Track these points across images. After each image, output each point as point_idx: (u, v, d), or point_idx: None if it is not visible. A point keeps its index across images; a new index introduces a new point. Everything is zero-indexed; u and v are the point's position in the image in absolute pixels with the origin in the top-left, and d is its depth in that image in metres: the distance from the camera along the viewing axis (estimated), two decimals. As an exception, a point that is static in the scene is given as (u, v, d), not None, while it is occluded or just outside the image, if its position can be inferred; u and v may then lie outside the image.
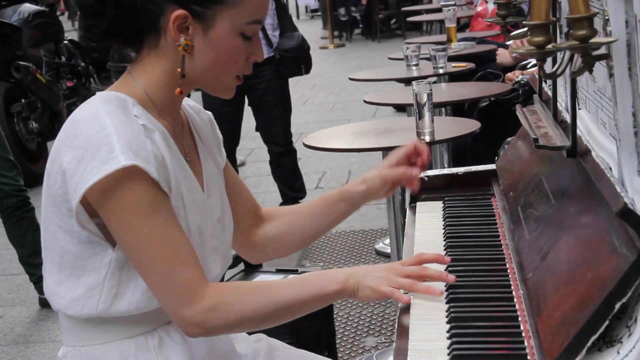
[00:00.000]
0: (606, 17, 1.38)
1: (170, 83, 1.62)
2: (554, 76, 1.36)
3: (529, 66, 4.72)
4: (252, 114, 5.01)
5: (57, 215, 1.60)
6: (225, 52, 1.59)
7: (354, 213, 1.98)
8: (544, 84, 2.10)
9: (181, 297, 1.53)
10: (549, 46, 1.30)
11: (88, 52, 8.24)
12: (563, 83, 2.06)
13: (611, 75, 1.41)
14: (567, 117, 1.79)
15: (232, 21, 1.57)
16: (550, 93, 1.94)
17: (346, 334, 3.78)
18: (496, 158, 3.55)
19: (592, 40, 1.26)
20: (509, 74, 4.33)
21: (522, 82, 3.99)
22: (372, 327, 3.84)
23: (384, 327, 3.84)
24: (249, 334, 1.93)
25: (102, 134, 1.50)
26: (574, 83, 1.52)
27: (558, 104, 1.87)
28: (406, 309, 1.65)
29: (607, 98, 1.62)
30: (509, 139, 3.56)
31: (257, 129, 5.08)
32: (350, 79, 4.66)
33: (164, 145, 1.58)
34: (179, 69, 1.58)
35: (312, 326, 2.77)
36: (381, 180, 1.87)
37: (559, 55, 1.57)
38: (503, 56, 5.06)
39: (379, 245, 4.68)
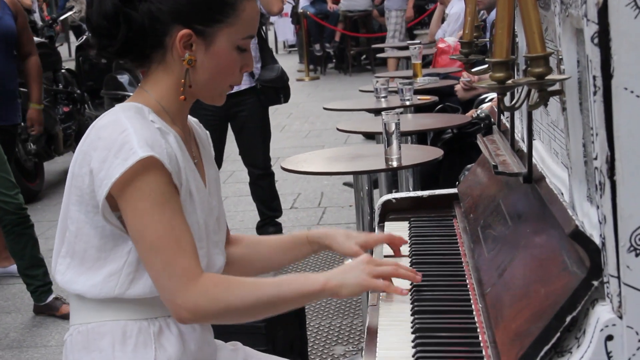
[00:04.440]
0: (560, 57, 1.39)
1: (178, 93, 1.68)
2: (512, 109, 1.37)
3: (486, 100, 4.75)
4: (234, 139, 4.99)
5: (83, 212, 1.65)
6: (224, 64, 1.67)
7: (340, 222, 2.00)
8: (502, 116, 2.12)
9: (177, 283, 1.57)
10: (509, 82, 1.32)
11: (83, 80, 8.21)
12: (519, 115, 2.08)
13: (564, 109, 1.43)
14: (523, 147, 1.80)
15: (229, 38, 1.65)
16: (508, 124, 1.95)
17: (317, 342, 3.77)
18: (457, 183, 3.57)
19: (548, 77, 1.28)
20: (470, 112, 4.36)
21: (481, 115, 4.01)
22: (340, 336, 3.83)
23: (352, 336, 3.82)
24: (226, 340, 1.93)
25: (122, 135, 1.57)
26: (530, 115, 1.54)
27: (515, 134, 1.89)
28: (374, 319, 1.65)
29: (559, 130, 1.63)
30: (469, 165, 3.59)
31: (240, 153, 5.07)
32: (325, 108, 4.66)
33: (177, 146, 1.64)
34: (183, 80, 1.65)
35: (287, 335, 2.76)
36: (346, 252, 1.87)
37: (517, 90, 1.58)
38: (462, 91, 5.09)
39: (348, 262, 4.66)
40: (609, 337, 1.16)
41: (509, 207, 1.71)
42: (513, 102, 1.36)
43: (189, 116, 1.82)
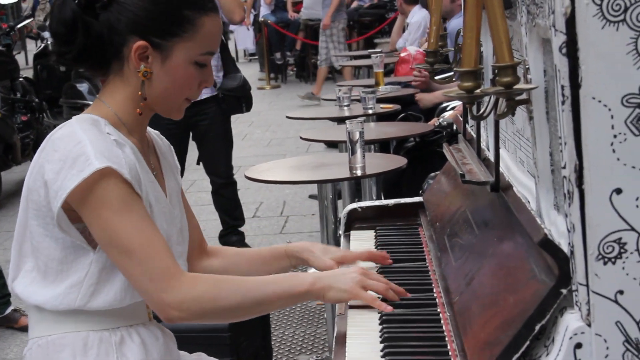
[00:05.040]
0: (527, 66, 1.40)
1: (135, 105, 1.68)
2: (480, 118, 1.38)
3: (448, 108, 4.78)
4: (196, 148, 4.96)
5: (42, 226, 1.64)
6: (180, 79, 1.66)
7: (290, 236, 2.00)
8: (467, 125, 2.13)
9: (160, 283, 1.56)
10: (477, 91, 1.32)
11: (42, 89, 8.12)
12: (484, 124, 2.09)
13: (531, 118, 1.44)
14: (490, 155, 1.81)
15: (187, 52, 1.64)
16: (473, 133, 1.96)
17: (281, 351, 3.75)
18: (420, 192, 3.59)
19: (516, 86, 1.28)
20: (432, 121, 4.38)
21: (444, 124, 4.03)
22: (304, 345, 3.82)
23: (316, 345, 3.81)
24: (190, 351, 1.91)
25: (78, 147, 1.56)
26: (497, 124, 1.55)
27: (481, 143, 1.90)
28: (343, 328, 1.65)
29: (525, 139, 1.64)
30: (433, 174, 3.61)
31: (198, 162, 5.03)
32: (288, 117, 4.66)
33: (133, 158, 1.62)
34: (139, 92, 1.64)
35: (251, 345, 2.74)
36: (323, 267, 1.85)
37: (484, 100, 1.58)
38: (423, 100, 5.11)
39: (311, 271, 4.65)
40: (578, 345, 1.16)
41: (475, 216, 1.71)
42: (481, 112, 1.36)
43: (149, 128, 1.81)
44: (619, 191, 1.13)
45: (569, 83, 1.13)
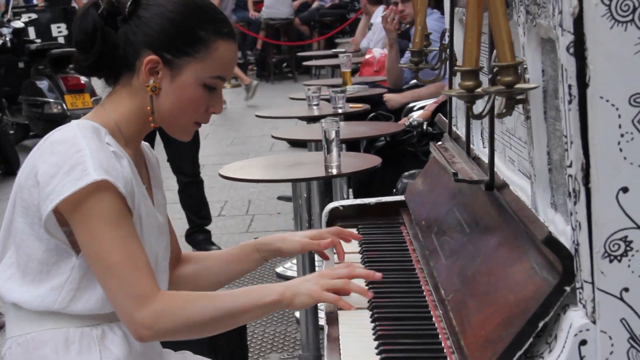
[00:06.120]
0: (524, 66, 1.41)
1: (137, 118, 1.67)
2: (480, 117, 1.39)
3: (415, 108, 4.80)
4: (163, 147, 4.92)
5: (28, 224, 1.63)
6: (187, 99, 1.65)
7: (257, 234, 2.01)
8: (452, 124, 2.14)
9: (134, 301, 1.55)
10: (478, 90, 1.33)
11: (0, 86, 8.00)
12: (465, 124, 2.10)
13: (527, 117, 1.44)
14: (479, 154, 1.82)
15: (197, 73, 1.64)
16: (459, 132, 1.97)
17: (252, 350, 3.73)
18: (394, 190, 3.60)
19: (517, 86, 1.29)
20: (402, 120, 4.39)
21: (414, 123, 4.04)
22: (275, 344, 3.81)
23: (287, 343, 3.81)
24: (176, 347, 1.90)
25: (78, 154, 1.55)
26: (492, 123, 1.55)
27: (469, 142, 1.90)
28: (334, 327, 1.64)
29: (516, 138, 1.65)
30: (406, 173, 3.62)
31: (168, 160, 4.99)
32: (257, 116, 4.63)
33: (129, 170, 1.62)
34: (148, 107, 1.65)
35: (228, 344, 2.73)
36: (300, 246, 1.91)
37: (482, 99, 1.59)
38: (390, 100, 5.13)
39: (280, 269, 4.64)
40: (583, 342, 1.17)
41: (466, 214, 1.72)
42: (481, 111, 1.37)
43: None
44: (625, 190, 1.14)
45: (577, 82, 1.14)
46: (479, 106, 1.49)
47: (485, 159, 1.79)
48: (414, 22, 2.02)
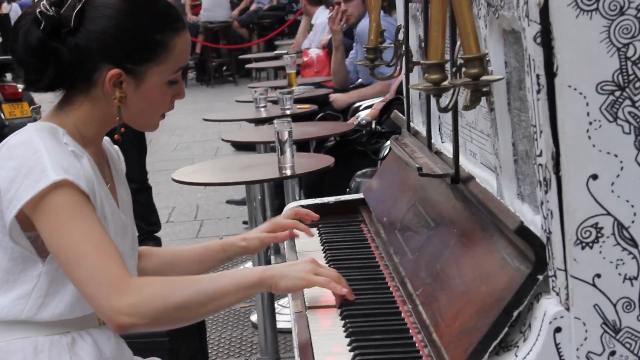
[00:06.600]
0: (487, 59, 1.42)
1: (98, 122, 1.66)
2: (446, 110, 1.39)
3: (361, 108, 4.82)
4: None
5: None
6: (155, 100, 1.66)
7: (206, 240, 2.02)
8: (410, 120, 2.15)
9: (108, 288, 1.50)
10: (445, 83, 1.33)
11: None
12: (422, 120, 2.11)
13: (492, 109, 1.46)
14: (441, 149, 1.83)
15: (161, 75, 1.64)
16: (417, 128, 1.98)
17: (210, 355, 3.70)
18: (347, 190, 3.61)
19: (482, 78, 1.30)
20: (351, 120, 4.41)
21: (362, 122, 4.06)
22: (232, 349, 3.79)
23: (244, 347, 3.79)
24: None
25: (35, 156, 1.53)
26: (456, 116, 1.56)
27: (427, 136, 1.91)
28: (303, 326, 1.63)
29: (477, 131, 1.67)
30: (360, 172, 3.64)
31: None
32: (205, 119, 4.60)
33: (90, 170, 1.60)
34: (117, 118, 1.63)
35: (188, 348, 2.71)
36: (260, 242, 1.96)
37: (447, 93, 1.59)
38: (337, 101, 5.14)
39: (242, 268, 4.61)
40: (558, 329, 1.18)
41: (430, 209, 1.73)
42: (447, 104, 1.37)
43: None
44: (595, 177, 1.15)
45: (545, 72, 1.15)
46: (442, 100, 1.50)
47: (447, 154, 1.80)
48: (370, 19, 2.02)
